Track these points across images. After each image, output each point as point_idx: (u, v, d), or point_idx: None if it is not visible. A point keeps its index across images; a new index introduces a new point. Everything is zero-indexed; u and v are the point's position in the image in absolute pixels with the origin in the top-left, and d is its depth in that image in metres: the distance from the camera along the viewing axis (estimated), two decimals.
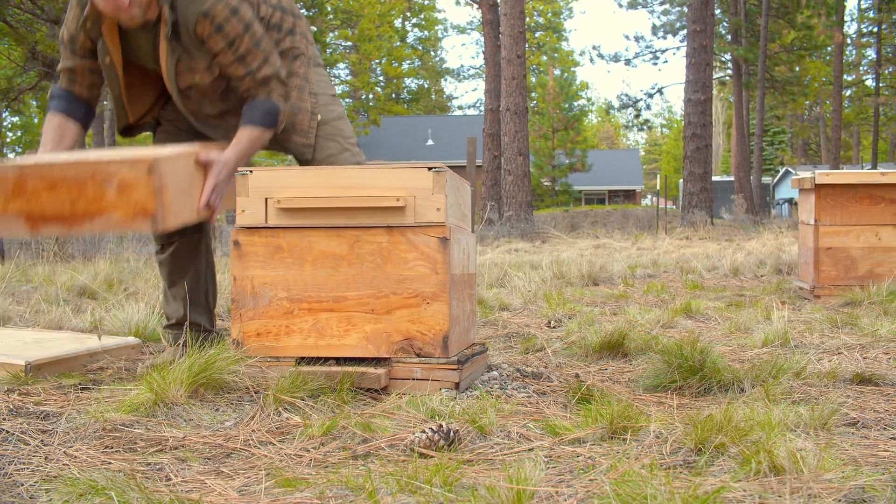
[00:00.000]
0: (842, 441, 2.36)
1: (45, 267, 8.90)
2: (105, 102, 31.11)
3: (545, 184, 49.44)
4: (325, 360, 3.02)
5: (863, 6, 44.37)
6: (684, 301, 5.53)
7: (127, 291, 6.35)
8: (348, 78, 50.83)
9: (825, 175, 5.98)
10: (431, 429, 2.33)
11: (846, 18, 39.33)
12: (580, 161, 49.51)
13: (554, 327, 4.93)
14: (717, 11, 34.81)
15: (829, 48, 38.06)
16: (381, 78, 56.19)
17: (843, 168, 40.09)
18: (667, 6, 43.81)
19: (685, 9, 39.52)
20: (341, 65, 48.93)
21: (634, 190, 65.00)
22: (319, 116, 3.69)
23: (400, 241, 2.97)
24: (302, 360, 3.03)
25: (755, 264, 9.07)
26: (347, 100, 48.70)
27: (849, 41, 39.74)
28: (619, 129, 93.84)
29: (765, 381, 3.10)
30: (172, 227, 3.13)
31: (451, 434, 2.33)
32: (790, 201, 43.36)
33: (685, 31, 41.31)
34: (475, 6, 50.44)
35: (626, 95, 44.01)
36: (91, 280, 6.83)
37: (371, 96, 52.47)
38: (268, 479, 2.08)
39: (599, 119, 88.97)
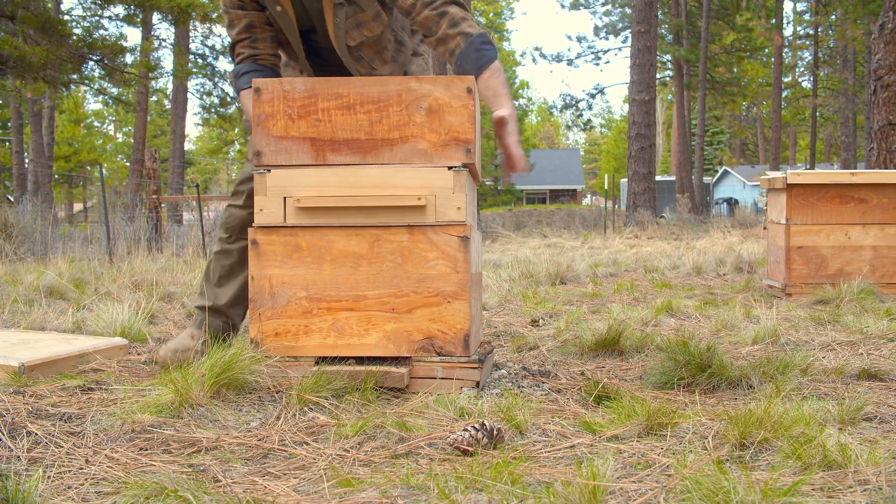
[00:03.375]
0: (872, 436, 2.41)
1: (2, 267, 8.72)
2: (43, 99, 30.62)
3: (487, 183, 49.57)
4: (343, 360, 3.01)
5: (798, 9, 45.18)
6: (665, 300, 5.60)
7: (98, 292, 6.26)
8: None
9: (796, 175, 6.09)
10: (474, 427, 2.34)
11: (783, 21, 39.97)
12: None
13: (539, 326, 4.96)
14: (659, 13, 35.24)
15: (766, 50, 38.73)
16: None
17: (782, 168, 40.75)
18: (609, 7, 44.21)
19: (627, 10, 39.99)
20: None
21: (575, 189, 65.50)
22: None
23: (420, 240, 2.97)
24: (321, 360, 3.02)
25: (715, 263, 9.20)
26: None
27: (785, 43, 40.43)
28: (559, 129, 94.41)
29: (773, 377, 3.16)
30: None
31: (495, 432, 2.34)
32: (729, 201, 44.00)
33: (627, 32, 41.80)
34: None
35: (570, 96, 44.32)
36: (57, 280, 6.70)
37: None
38: (325, 479, 2.07)
39: (539, 119, 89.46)
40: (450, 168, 2.97)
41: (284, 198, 3.01)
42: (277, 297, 3.02)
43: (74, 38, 11.48)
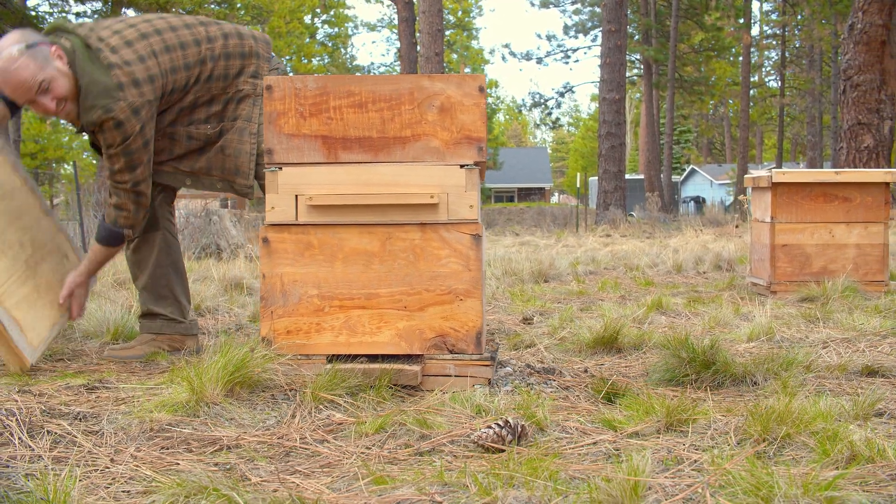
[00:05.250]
0: (889, 430, 2.44)
1: None
2: None
3: None
4: (355, 358, 3.02)
5: (765, 9, 45.58)
6: (654, 298, 5.63)
7: None
8: None
9: (781, 174, 6.15)
10: (498, 424, 2.35)
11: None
12: (492, 159, 49.84)
13: (531, 324, 4.97)
14: (628, 12, 35.45)
15: (733, 49, 39.03)
16: (290, 74, 55.53)
17: (750, 167, 41.06)
18: (578, 6, 44.37)
19: (597, 9, 40.14)
20: None
21: (543, 188, 65.69)
22: (258, 148, 3.72)
23: (433, 238, 2.98)
24: (333, 358, 3.02)
25: (694, 261, 9.25)
26: None
27: (752, 43, 40.77)
28: (526, 127, 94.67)
29: (777, 374, 3.19)
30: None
31: (519, 429, 2.35)
32: (696, 199, 44.24)
33: (596, 31, 41.96)
34: (386, 3, 50.28)
35: (539, 94, 44.44)
36: None
37: None
38: (360, 477, 2.08)
39: (508, 117, 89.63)
40: (462, 166, 2.98)
41: (296, 196, 3.01)
42: (289, 295, 3.02)
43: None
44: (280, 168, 3.02)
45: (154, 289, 3.88)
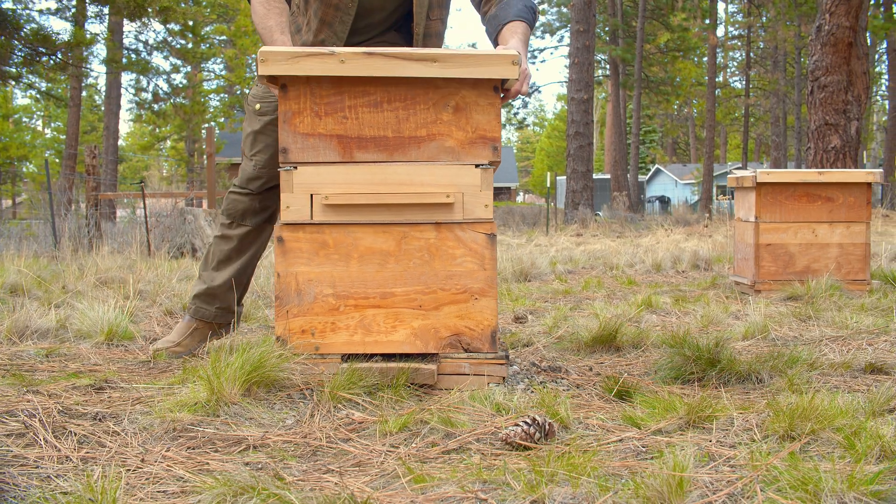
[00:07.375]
0: None
1: None
2: None
3: None
4: (370, 357, 3.02)
5: (730, 10, 45.98)
6: (644, 296, 5.68)
7: (67, 290, 6.15)
8: (224, 73, 49.96)
9: (766, 174, 6.22)
10: (525, 422, 2.37)
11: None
12: None
13: (524, 323, 5.00)
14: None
15: (699, 50, 39.35)
16: (256, 74, 55.17)
17: (716, 167, 41.35)
18: (545, 6, 44.51)
19: (563, 9, 40.31)
20: (217, 59, 48.06)
21: (510, 187, 65.82)
22: None
23: (448, 238, 2.99)
24: (348, 357, 3.02)
25: (672, 260, 9.33)
26: (223, 95, 47.85)
27: (718, 43, 41.10)
28: None
29: (783, 371, 3.23)
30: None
31: (547, 426, 2.37)
32: (662, 199, 44.55)
33: (563, 31, 42.15)
34: None
35: None
36: (21, 279, 6.58)
37: (247, 91, 51.62)
38: (401, 475, 2.08)
39: None
40: (477, 166, 3.00)
41: (311, 195, 3.01)
42: (304, 294, 3.02)
43: (26, 31, 11.22)
44: (295, 167, 3.01)
45: (236, 278, 3.81)
